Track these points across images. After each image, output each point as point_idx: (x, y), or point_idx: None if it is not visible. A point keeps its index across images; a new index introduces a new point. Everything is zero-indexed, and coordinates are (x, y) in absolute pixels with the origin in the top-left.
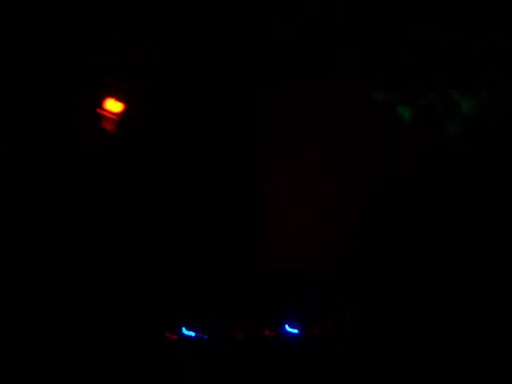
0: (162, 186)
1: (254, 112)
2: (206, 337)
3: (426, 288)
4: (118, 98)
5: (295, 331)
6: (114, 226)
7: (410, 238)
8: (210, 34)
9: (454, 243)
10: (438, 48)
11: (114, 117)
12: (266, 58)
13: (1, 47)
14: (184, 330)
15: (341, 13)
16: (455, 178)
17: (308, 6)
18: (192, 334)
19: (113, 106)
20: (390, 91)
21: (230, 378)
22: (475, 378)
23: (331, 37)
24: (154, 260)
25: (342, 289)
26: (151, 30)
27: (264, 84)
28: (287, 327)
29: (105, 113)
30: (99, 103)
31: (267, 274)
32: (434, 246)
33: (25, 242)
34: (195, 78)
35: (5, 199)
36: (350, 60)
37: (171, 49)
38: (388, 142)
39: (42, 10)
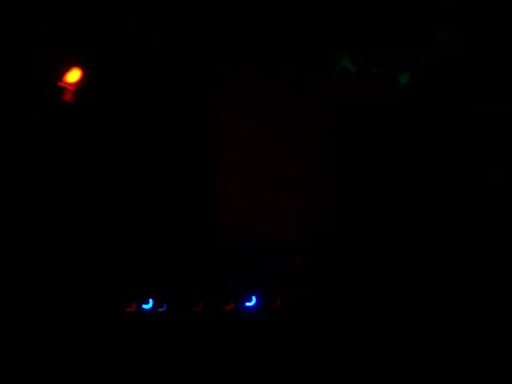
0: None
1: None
2: (162, 309)
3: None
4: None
5: (255, 304)
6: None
7: (380, 207)
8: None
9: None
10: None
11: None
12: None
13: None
14: (141, 303)
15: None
16: None
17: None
18: (149, 306)
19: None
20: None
21: (188, 352)
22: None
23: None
24: (105, 229)
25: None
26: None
27: None
28: (248, 300)
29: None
30: None
31: (225, 244)
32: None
33: None
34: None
35: None
36: None
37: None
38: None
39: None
